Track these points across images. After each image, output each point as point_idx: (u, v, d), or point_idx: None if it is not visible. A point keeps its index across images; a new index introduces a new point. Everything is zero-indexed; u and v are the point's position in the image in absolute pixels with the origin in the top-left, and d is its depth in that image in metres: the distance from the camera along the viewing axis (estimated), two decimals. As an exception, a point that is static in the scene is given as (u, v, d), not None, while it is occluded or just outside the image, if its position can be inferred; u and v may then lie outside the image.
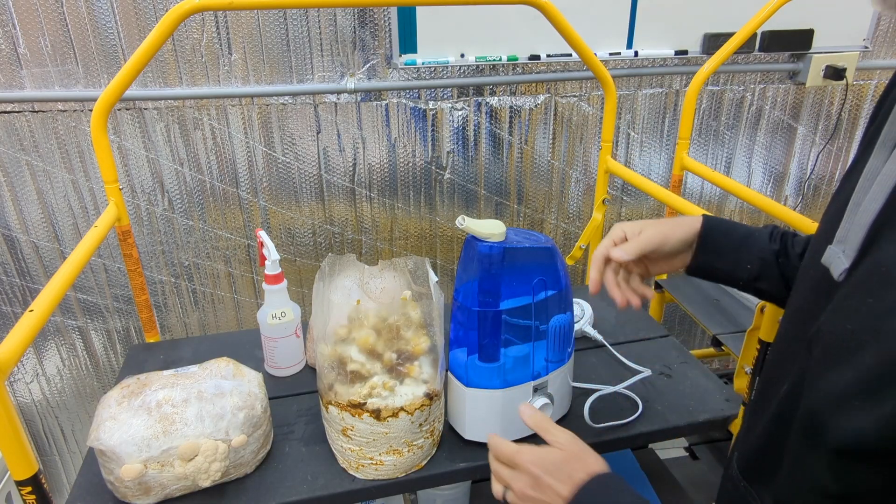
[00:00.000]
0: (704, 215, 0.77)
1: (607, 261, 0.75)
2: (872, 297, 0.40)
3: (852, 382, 0.39)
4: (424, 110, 1.58)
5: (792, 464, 0.47)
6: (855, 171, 0.50)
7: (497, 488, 0.67)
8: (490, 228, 0.78)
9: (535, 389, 0.86)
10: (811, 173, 1.91)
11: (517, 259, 0.79)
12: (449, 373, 0.86)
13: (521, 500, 0.63)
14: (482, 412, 0.85)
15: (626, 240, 0.74)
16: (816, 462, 0.42)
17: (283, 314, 0.99)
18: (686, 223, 0.75)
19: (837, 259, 0.45)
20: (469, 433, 0.88)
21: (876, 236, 0.42)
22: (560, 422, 0.92)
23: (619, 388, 0.96)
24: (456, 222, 0.77)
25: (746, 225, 0.76)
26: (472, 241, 0.80)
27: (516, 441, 0.68)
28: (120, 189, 1.07)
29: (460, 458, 0.86)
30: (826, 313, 0.45)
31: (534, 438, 0.69)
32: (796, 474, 0.46)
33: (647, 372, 0.99)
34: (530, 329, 0.83)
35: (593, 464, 0.60)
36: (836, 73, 1.69)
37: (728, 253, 0.74)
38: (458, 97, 1.59)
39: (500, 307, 0.81)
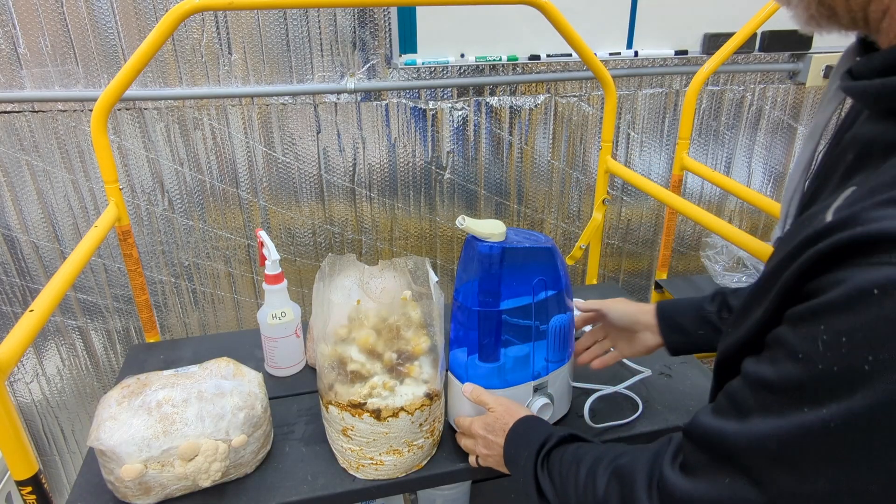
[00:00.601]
0: (657, 304, 0.89)
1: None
2: (775, 254, 0.47)
3: (737, 314, 0.49)
4: (424, 110, 1.58)
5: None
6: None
7: (470, 459, 0.83)
8: (490, 228, 0.78)
9: (535, 389, 0.86)
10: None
11: (517, 259, 0.80)
12: (449, 372, 0.86)
13: (482, 459, 0.80)
14: (482, 411, 0.84)
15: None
16: (716, 384, 0.52)
17: (283, 314, 0.99)
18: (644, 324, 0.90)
19: (775, 233, 0.57)
20: None
21: (792, 210, 0.55)
22: (560, 422, 0.92)
23: (620, 388, 0.96)
24: (456, 222, 0.77)
25: (692, 298, 0.87)
26: (472, 241, 0.80)
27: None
28: (120, 189, 1.07)
29: (460, 458, 0.86)
30: None
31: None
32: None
33: (647, 372, 0.99)
34: (530, 329, 0.83)
35: (518, 413, 0.76)
36: (836, 73, 1.69)
37: (686, 327, 0.85)
38: (458, 97, 1.59)
39: (500, 307, 0.81)
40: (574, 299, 0.89)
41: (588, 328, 0.99)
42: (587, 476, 0.58)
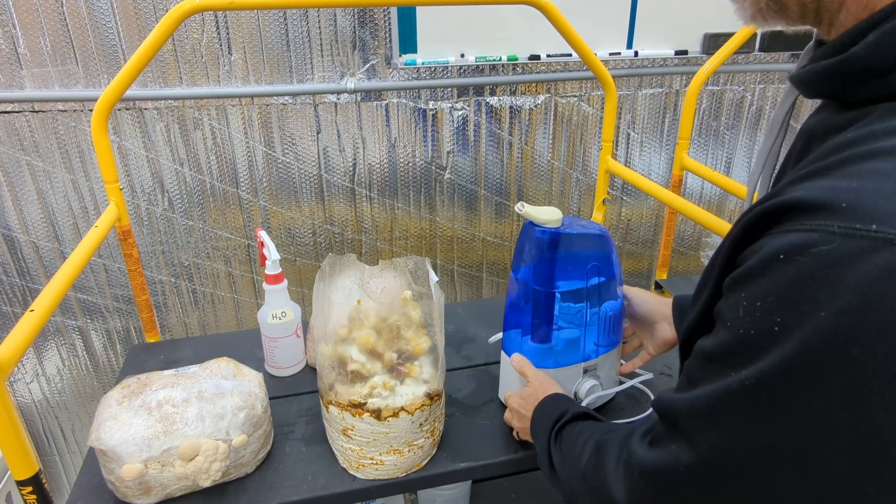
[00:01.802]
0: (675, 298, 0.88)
1: None
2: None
3: (693, 300, 0.50)
4: (424, 110, 1.58)
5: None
6: None
7: (513, 432, 0.88)
8: (547, 215, 0.82)
9: (585, 371, 0.89)
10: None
11: (572, 245, 0.83)
12: (503, 352, 0.91)
13: (520, 432, 0.84)
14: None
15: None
16: (681, 365, 0.53)
17: (283, 314, 0.99)
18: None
19: None
20: None
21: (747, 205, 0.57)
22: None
23: (620, 388, 0.96)
24: (515, 208, 0.81)
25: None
26: (529, 226, 0.84)
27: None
28: (120, 189, 1.07)
29: (460, 458, 0.86)
30: None
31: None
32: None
33: (648, 375, 0.99)
34: (582, 313, 0.86)
35: (549, 389, 0.79)
36: (835, 73, 1.69)
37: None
38: (458, 97, 1.59)
39: (554, 290, 0.84)
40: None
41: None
42: (580, 449, 0.61)
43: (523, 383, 0.88)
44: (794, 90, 0.53)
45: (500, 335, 0.94)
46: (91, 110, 1.20)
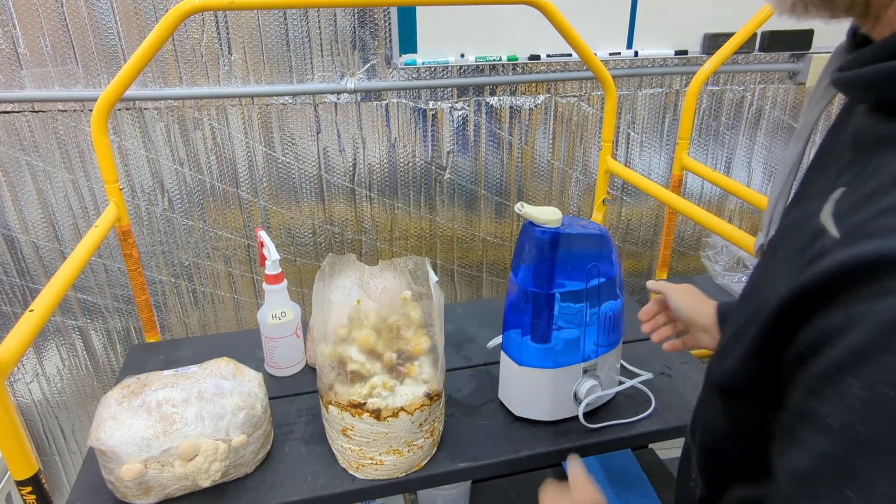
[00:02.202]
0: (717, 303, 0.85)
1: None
2: (758, 267, 0.45)
3: (728, 335, 0.44)
4: (424, 110, 1.58)
5: (704, 412, 0.52)
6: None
7: None
8: (547, 215, 0.82)
9: (585, 371, 0.89)
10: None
11: (572, 245, 0.83)
12: (503, 352, 0.91)
13: None
14: (533, 391, 0.89)
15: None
16: (713, 407, 0.47)
17: (283, 314, 0.99)
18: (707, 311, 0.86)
19: (759, 239, 0.53)
20: (519, 410, 0.92)
21: (778, 215, 0.51)
22: (559, 423, 0.92)
23: (619, 388, 0.96)
24: (515, 208, 0.81)
25: None
26: (529, 226, 0.84)
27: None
28: (120, 189, 1.07)
29: (460, 458, 0.86)
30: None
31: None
32: (709, 421, 0.51)
33: (647, 375, 0.99)
34: (582, 313, 0.86)
35: None
36: (836, 73, 1.69)
37: None
38: (458, 97, 1.59)
39: (554, 291, 0.84)
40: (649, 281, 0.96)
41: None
42: None
43: (524, 386, 0.87)
44: (828, 93, 0.47)
45: (498, 340, 0.94)
46: (91, 110, 1.20)
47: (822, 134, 0.50)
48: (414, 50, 1.49)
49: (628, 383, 0.96)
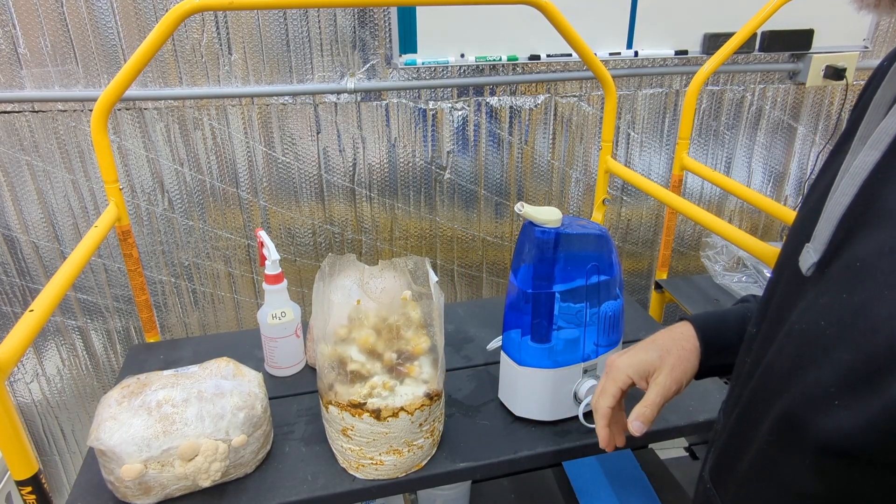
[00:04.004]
0: (689, 320, 0.71)
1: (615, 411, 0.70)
2: (847, 292, 0.39)
3: (831, 381, 0.38)
4: (424, 110, 1.58)
5: (762, 466, 0.46)
6: (829, 169, 0.50)
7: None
8: (547, 215, 0.82)
9: (585, 371, 0.89)
10: (811, 173, 1.91)
11: (571, 245, 0.83)
12: (503, 352, 0.91)
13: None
14: (533, 390, 0.89)
15: (634, 384, 0.68)
16: (793, 463, 0.41)
17: (283, 314, 0.99)
18: (688, 349, 0.69)
19: (807, 254, 0.45)
20: (519, 410, 0.92)
21: (848, 232, 0.43)
22: (559, 423, 0.92)
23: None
24: (515, 208, 0.81)
25: (733, 309, 0.73)
26: (528, 226, 0.84)
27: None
28: (120, 189, 1.07)
29: (460, 458, 0.86)
30: (797, 311, 0.45)
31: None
32: (767, 476, 0.45)
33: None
34: (582, 313, 0.86)
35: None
36: (836, 73, 1.69)
37: (734, 346, 0.67)
38: (458, 97, 1.59)
39: (554, 291, 0.84)
40: (636, 422, 0.69)
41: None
42: None
43: (524, 386, 0.87)
44: None
45: (498, 342, 0.93)
46: (91, 110, 1.21)
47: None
48: (414, 50, 1.49)
49: (628, 383, 0.96)
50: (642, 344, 0.71)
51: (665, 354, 0.68)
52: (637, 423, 0.66)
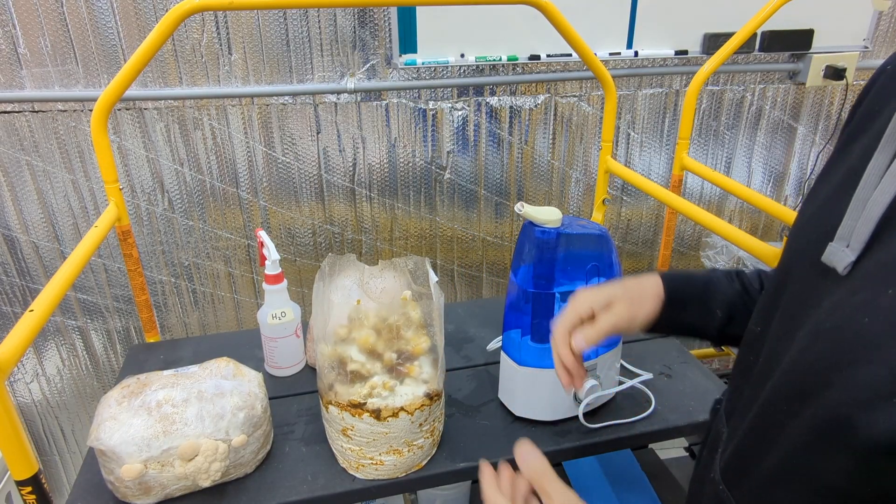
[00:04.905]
0: (660, 273, 0.73)
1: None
2: (892, 288, 0.39)
3: (886, 379, 0.36)
4: (424, 110, 1.58)
5: (793, 467, 0.45)
6: (837, 168, 0.50)
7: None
8: (547, 215, 0.82)
9: (585, 371, 0.88)
10: (811, 173, 1.91)
11: (571, 245, 0.83)
12: (503, 352, 0.91)
13: None
14: (533, 390, 0.89)
15: (594, 315, 0.69)
16: (835, 464, 0.40)
17: (283, 314, 0.99)
18: (651, 293, 0.71)
19: (842, 253, 0.44)
20: (519, 410, 0.92)
21: (880, 230, 0.42)
22: (559, 423, 0.92)
23: (619, 388, 0.96)
24: (515, 208, 0.81)
25: (701, 271, 0.75)
26: (529, 226, 0.84)
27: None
28: (120, 189, 1.07)
29: (460, 458, 0.86)
30: (823, 309, 0.44)
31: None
32: (800, 478, 0.44)
33: (647, 375, 0.99)
34: None
35: None
36: (836, 73, 1.69)
37: (694, 304, 0.71)
38: (458, 97, 1.59)
39: (554, 290, 0.84)
40: (578, 336, 0.71)
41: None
42: None
43: (524, 386, 0.87)
44: None
45: (498, 343, 0.93)
46: (91, 110, 1.21)
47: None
48: (414, 50, 1.49)
49: (628, 383, 0.96)
50: (609, 283, 0.73)
51: (628, 290, 0.70)
52: (578, 337, 0.67)
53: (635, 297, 0.70)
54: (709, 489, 0.58)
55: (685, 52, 1.64)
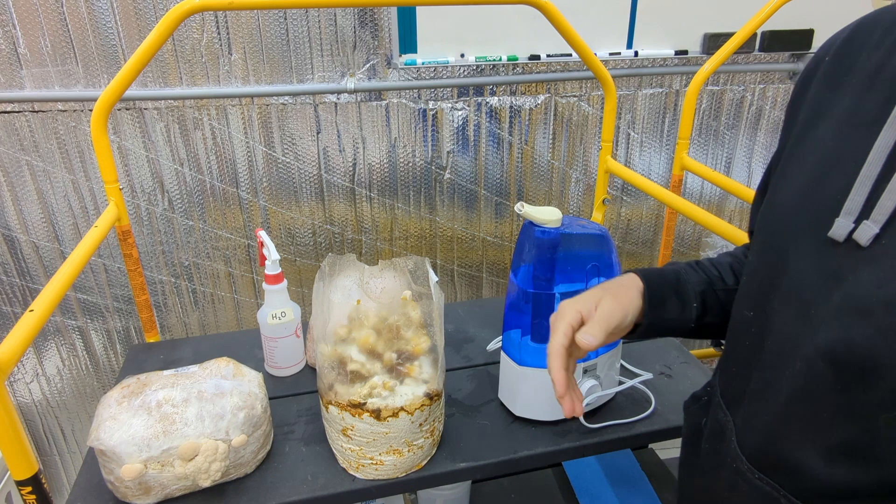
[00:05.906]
0: (635, 271, 0.72)
1: (569, 352, 0.64)
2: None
3: None
4: (424, 110, 1.58)
5: (865, 443, 0.46)
6: (801, 150, 0.54)
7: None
8: (547, 215, 0.82)
9: (585, 371, 0.89)
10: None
11: (572, 245, 0.83)
12: (503, 352, 0.91)
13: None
14: (533, 390, 0.89)
15: (584, 321, 0.64)
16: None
17: (283, 314, 0.99)
18: (630, 284, 0.69)
19: (865, 227, 0.46)
20: (519, 410, 0.92)
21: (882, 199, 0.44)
22: (559, 423, 0.92)
23: (619, 388, 0.96)
24: (515, 208, 0.81)
25: (667, 266, 0.74)
26: (529, 226, 0.84)
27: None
28: (120, 189, 1.07)
29: (460, 458, 0.86)
30: (853, 282, 0.45)
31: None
32: (874, 451, 0.45)
33: (647, 375, 0.99)
34: None
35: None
36: (836, 73, 1.69)
37: (671, 300, 0.69)
38: (458, 97, 1.59)
39: (554, 291, 0.84)
40: (583, 334, 0.65)
41: None
42: None
43: (524, 386, 0.87)
44: None
45: (498, 343, 0.93)
46: (91, 110, 1.21)
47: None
48: (414, 50, 1.49)
49: (628, 383, 0.96)
50: (587, 290, 0.70)
51: (608, 289, 0.68)
52: (585, 335, 0.62)
53: (618, 292, 0.68)
54: (731, 479, 0.57)
55: (685, 52, 1.64)
